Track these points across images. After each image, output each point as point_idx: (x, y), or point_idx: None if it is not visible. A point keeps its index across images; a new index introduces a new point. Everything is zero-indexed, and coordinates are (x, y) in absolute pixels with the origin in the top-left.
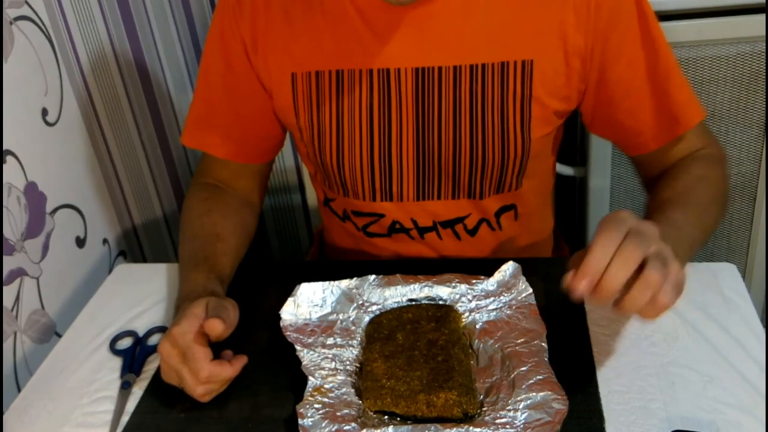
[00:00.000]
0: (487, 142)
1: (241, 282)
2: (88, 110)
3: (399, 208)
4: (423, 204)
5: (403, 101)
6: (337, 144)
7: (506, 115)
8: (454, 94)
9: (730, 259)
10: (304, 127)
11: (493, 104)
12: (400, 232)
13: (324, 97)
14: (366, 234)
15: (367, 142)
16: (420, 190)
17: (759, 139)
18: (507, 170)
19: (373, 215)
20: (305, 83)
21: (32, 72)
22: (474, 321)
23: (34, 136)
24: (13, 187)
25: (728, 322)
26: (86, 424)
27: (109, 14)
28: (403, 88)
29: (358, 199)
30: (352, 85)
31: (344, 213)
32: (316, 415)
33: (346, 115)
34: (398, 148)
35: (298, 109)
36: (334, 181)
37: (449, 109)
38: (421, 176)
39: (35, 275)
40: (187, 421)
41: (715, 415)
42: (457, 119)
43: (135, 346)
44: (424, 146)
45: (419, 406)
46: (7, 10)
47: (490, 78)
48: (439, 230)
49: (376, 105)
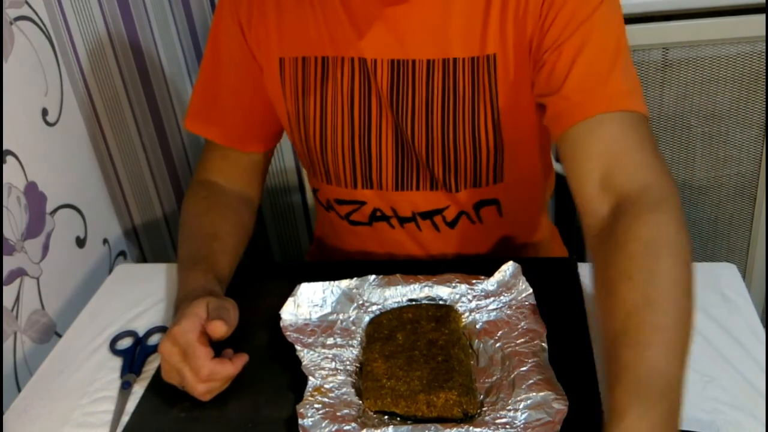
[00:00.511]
0: (458, 136)
1: (241, 282)
2: (88, 110)
3: (379, 197)
4: (402, 194)
5: (382, 91)
6: (321, 130)
7: (477, 109)
8: (427, 88)
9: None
10: (291, 111)
11: (464, 99)
12: (380, 220)
13: (309, 83)
14: (349, 222)
15: (349, 129)
16: (399, 180)
17: (759, 139)
18: (480, 164)
19: (354, 203)
20: (292, 68)
21: (32, 72)
22: (474, 321)
23: (34, 136)
24: (14, 187)
25: (728, 322)
26: (86, 424)
27: (109, 14)
28: (380, 79)
29: (341, 186)
30: (335, 72)
31: (327, 203)
32: (316, 415)
33: (329, 102)
34: (377, 137)
35: (286, 94)
36: (318, 168)
37: (422, 102)
38: (400, 165)
39: (35, 275)
40: (188, 421)
41: (715, 415)
42: (430, 112)
43: (135, 346)
44: (401, 136)
45: (419, 406)
46: (7, 10)
47: (461, 72)
48: (418, 221)
49: (356, 93)
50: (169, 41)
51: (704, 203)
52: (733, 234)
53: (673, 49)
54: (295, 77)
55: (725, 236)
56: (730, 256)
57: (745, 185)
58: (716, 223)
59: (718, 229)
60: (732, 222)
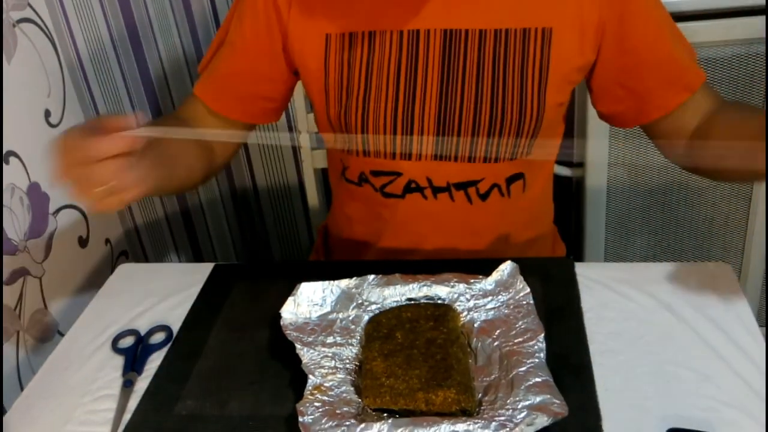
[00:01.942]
0: (507, 104)
1: (241, 282)
2: (90, 111)
3: (416, 167)
4: (440, 164)
5: (430, 62)
6: (363, 102)
7: (525, 79)
8: (478, 57)
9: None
10: (333, 86)
11: (513, 68)
12: (415, 191)
13: (356, 58)
14: (383, 194)
15: (393, 101)
16: (438, 150)
17: None
18: (522, 133)
19: (391, 174)
20: (338, 44)
21: (35, 74)
22: (472, 320)
23: (37, 137)
24: (17, 188)
25: (724, 321)
26: (88, 422)
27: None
28: (431, 49)
29: (379, 158)
30: (383, 45)
31: (361, 176)
32: (316, 413)
33: (374, 75)
34: (421, 107)
35: (329, 69)
36: (356, 141)
37: (473, 70)
38: (441, 134)
39: (38, 275)
40: (189, 419)
41: (711, 414)
42: (480, 81)
43: (137, 344)
44: (446, 106)
45: (418, 404)
46: (10, 12)
47: (512, 43)
48: (452, 192)
49: (404, 65)
50: (170, 42)
51: (700, 203)
52: (728, 234)
53: None
54: (341, 52)
55: (721, 236)
56: (726, 255)
57: (740, 185)
58: (712, 223)
59: (713, 228)
60: (727, 222)
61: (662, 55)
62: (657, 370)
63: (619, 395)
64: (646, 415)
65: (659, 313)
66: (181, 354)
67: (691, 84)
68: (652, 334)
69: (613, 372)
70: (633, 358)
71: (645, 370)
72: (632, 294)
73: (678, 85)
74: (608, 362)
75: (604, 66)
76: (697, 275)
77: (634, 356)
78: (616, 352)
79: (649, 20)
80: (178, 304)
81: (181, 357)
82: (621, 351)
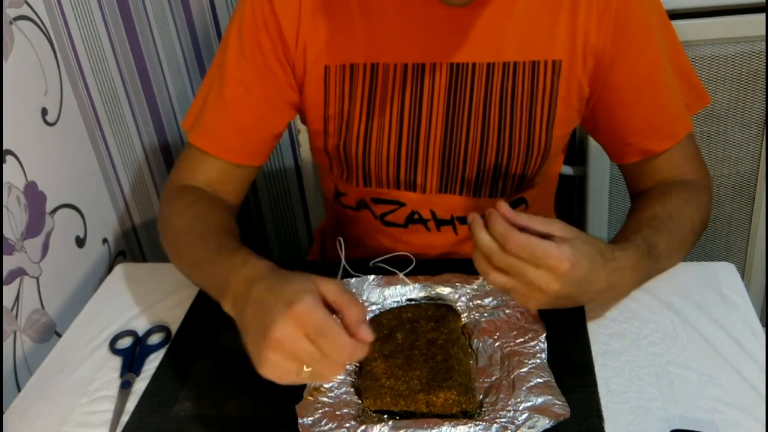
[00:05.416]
0: (514, 140)
1: None
2: (87, 110)
3: (420, 199)
4: (444, 197)
5: (436, 95)
6: (365, 134)
7: (534, 114)
8: (486, 91)
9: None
10: (333, 116)
11: (522, 103)
12: (417, 223)
13: (357, 89)
14: (383, 223)
15: (396, 133)
16: (443, 183)
17: (758, 139)
18: (529, 168)
19: (393, 203)
20: (338, 75)
21: (32, 72)
22: (473, 320)
23: (33, 135)
24: (13, 187)
25: (727, 321)
26: (86, 423)
27: (109, 14)
28: (437, 83)
29: (381, 188)
30: (386, 78)
31: (360, 202)
32: (315, 414)
33: (377, 107)
34: (426, 140)
35: (329, 100)
36: (356, 171)
37: (479, 104)
38: (446, 169)
39: (35, 275)
40: (187, 420)
41: (714, 415)
42: (487, 115)
43: (135, 345)
44: (451, 140)
45: (419, 405)
46: (7, 9)
47: (521, 77)
48: (456, 225)
49: (408, 98)
50: (168, 41)
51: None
52: (731, 233)
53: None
54: (341, 83)
55: (724, 236)
56: (729, 255)
57: (743, 185)
58: (715, 223)
59: (716, 228)
60: (731, 221)
61: (648, 97)
62: (660, 371)
63: (621, 396)
64: (649, 416)
65: (662, 314)
66: (179, 355)
67: (668, 140)
68: (655, 335)
69: (616, 373)
70: (636, 359)
71: (648, 371)
72: (635, 294)
73: (652, 138)
74: (611, 363)
75: (594, 96)
76: (700, 275)
77: (637, 357)
78: (618, 352)
79: (641, 59)
80: (176, 304)
81: (180, 358)
82: (623, 351)
